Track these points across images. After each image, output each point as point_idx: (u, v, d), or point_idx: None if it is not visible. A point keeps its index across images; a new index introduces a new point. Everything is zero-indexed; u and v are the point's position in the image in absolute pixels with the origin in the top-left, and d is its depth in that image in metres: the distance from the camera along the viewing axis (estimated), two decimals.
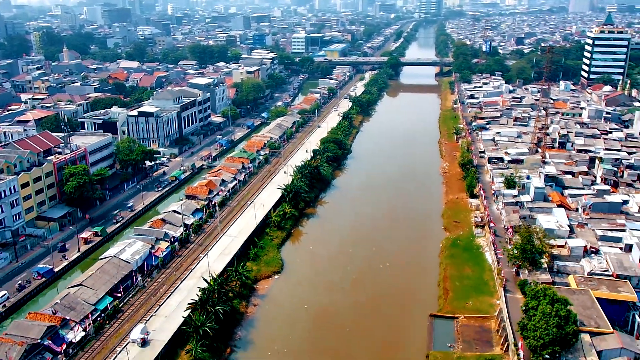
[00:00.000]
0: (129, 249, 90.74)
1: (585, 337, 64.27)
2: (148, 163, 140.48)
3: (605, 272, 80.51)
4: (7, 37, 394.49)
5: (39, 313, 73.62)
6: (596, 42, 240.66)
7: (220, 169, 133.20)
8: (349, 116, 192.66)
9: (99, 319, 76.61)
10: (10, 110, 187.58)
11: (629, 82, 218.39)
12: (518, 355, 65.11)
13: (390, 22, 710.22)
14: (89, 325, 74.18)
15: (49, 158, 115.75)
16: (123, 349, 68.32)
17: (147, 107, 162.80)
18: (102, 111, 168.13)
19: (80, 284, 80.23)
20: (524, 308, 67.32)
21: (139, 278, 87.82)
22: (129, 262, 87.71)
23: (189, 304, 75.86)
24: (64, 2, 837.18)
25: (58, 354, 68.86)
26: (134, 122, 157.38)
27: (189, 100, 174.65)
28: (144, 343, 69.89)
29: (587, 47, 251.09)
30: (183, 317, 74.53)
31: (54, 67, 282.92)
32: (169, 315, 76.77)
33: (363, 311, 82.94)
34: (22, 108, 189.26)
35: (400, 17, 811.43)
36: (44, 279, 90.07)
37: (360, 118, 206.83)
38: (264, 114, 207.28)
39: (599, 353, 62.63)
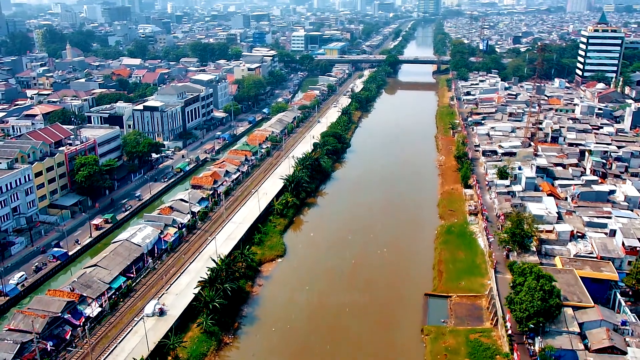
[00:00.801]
0: (140, 234, 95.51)
1: (568, 311, 69.26)
2: (154, 155, 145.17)
3: (590, 255, 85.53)
4: (10, 35, 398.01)
5: (58, 290, 78.45)
6: (590, 41, 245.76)
7: (224, 161, 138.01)
8: (348, 112, 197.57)
9: (113, 296, 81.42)
10: (17, 105, 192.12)
11: (621, 79, 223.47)
12: (506, 327, 70.10)
13: (388, 21, 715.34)
14: (105, 301, 79.03)
15: (60, 149, 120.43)
16: (139, 321, 73.01)
17: (152, 102, 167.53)
18: (108, 106, 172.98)
19: (95, 265, 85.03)
20: (511, 284, 72.25)
21: (150, 260, 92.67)
22: (140, 246, 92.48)
23: (199, 281, 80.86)
24: (64, 1, 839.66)
25: (77, 327, 73.70)
26: (139, 116, 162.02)
27: (192, 96, 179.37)
28: (162, 312, 75.03)
29: (582, 46, 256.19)
30: (194, 293, 79.47)
31: (57, 64, 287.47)
32: (179, 293, 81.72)
33: (361, 292, 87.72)
34: (28, 103, 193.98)
35: (398, 16, 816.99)
36: (58, 262, 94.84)
37: (359, 114, 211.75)
38: (264, 110, 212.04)
39: (580, 325, 67.63)
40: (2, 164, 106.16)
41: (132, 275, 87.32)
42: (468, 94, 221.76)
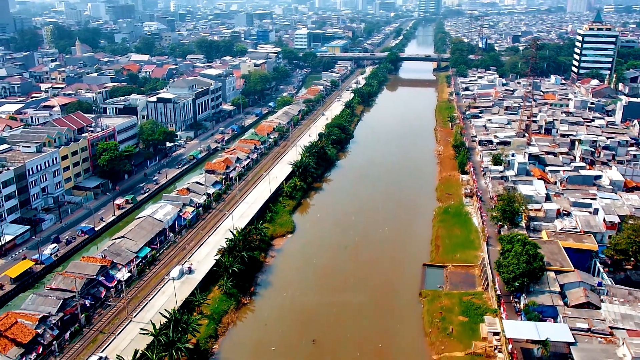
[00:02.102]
0: (161, 211, 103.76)
1: (551, 274, 77.39)
2: (168, 144, 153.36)
3: (574, 230, 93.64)
4: (19, 32, 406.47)
5: (91, 257, 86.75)
6: (586, 39, 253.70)
7: (234, 149, 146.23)
8: (351, 105, 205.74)
9: (140, 264, 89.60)
10: (33, 97, 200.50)
11: (614, 76, 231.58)
12: (495, 289, 78.27)
13: (389, 20, 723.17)
14: (133, 268, 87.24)
15: (83, 135, 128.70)
16: (166, 283, 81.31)
17: (164, 94, 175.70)
18: (122, 98, 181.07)
19: (122, 236, 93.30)
20: (500, 251, 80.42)
21: (171, 235, 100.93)
22: (161, 221, 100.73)
23: (218, 249, 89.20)
24: None
25: (110, 289, 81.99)
26: (153, 108, 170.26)
27: (202, 89, 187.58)
28: (190, 271, 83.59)
29: (578, 44, 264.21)
30: (214, 259, 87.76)
31: (68, 60, 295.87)
32: (201, 261, 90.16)
33: (365, 264, 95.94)
34: (43, 96, 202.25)
35: (399, 15, 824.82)
36: (86, 236, 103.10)
37: (361, 108, 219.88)
38: (270, 104, 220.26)
39: (561, 286, 75.72)
40: (31, 147, 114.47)
41: (156, 247, 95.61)
42: (467, 89, 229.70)
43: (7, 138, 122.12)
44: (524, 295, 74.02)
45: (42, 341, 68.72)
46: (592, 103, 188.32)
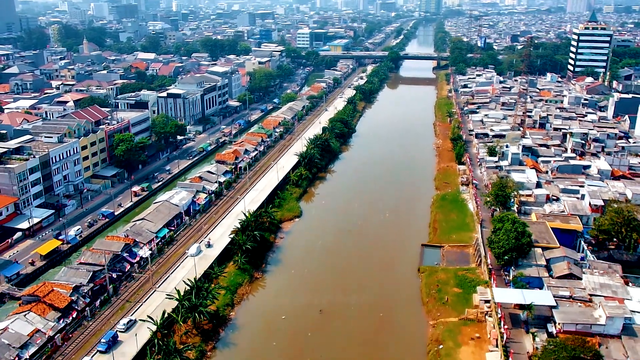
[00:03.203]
0: (177, 196, 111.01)
1: (538, 250, 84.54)
2: (178, 137, 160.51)
3: (562, 213, 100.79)
4: (26, 31, 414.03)
5: (115, 236, 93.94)
6: (581, 38, 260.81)
7: (243, 141, 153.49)
8: (353, 101, 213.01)
9: (159, 243, 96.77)
10: (46, 93, 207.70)
11: (608, 74, 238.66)
12: (487, 264, 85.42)
13: (390, 20, 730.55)
14: (154, 246, 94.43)
15: (100, 127, 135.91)
16: (184, 260, 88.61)
17: (174, 90, 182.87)
18: (133, 93, 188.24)
19: (142, 219, 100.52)
20: (492, 230, 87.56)
21: (186, 218, 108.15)
22: (177, 206, 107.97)
23: (232, 230, 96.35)
24: None
25: (133, 264, 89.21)
26: (163, 103, 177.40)
27: (209, 85, 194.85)
28: (209, 245, 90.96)
29: (573, 43, 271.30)
30: (229, 237, 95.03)
31: (76, 58, 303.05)
32: (216, 240, 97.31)
33: (367, 245, 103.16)
34: (56, 92, 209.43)
35: (400, 15, 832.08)
36: (107, 220, 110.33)
37: (363, 104, 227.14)
38: (275, 100, 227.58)
39: (547, 260, 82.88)
40: (53, 138, 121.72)
41: (173, 229, 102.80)
42: (465, 86, 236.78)
43: (30, 129, 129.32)
44: (512, 268, 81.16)
45: (76, 307, 75.96)
46: (585, 99, 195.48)
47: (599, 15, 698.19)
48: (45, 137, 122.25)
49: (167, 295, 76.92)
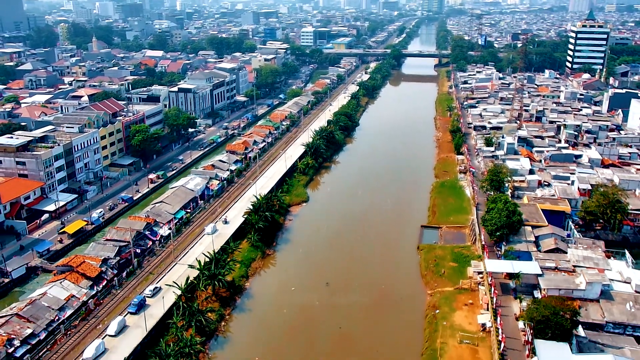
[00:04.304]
0: (192, 182, 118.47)
1: (528, 228, 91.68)
2: (190, 130, 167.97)
3: (553, 196, 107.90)
4: (36, 29, 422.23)
5: (137, 216, 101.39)
6: (579, 36, 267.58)
7: (251, 133, 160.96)
8: (356, 96, 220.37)
9: (177, 224, 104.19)
10: (60, 89, 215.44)
11: (605, 70, 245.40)
12: (480, 240, 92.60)
13: (393, 19, 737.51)
14: (172, 226, 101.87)
15: (117, 118, 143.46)
16: (201, 238, 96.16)
17: (185, 85, 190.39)
18: (145, 88, 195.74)
19: (161, 201, 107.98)
20: (486, 210, 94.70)
21: (201, 202, 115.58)
22: (192, 190, 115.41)
23: (245, 211, 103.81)
24: None
25: (154, 242, 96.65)
26: (174, 97, 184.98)
27: (218, 81, 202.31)
28: (226, 221, 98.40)
29: (571, 40, 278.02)
30: (243, 217, 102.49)
31: (86, 55, 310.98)
32: (230, 221, 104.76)
33: (370, 227, 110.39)
34: (70, 88, 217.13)
35: (403, 14, 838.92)
36: (126, 204, 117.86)
37: (366, 100, 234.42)
38: (281, 95, 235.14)
39: (536, 237, 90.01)
40: (74, 128, 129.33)
41: (189, 211, 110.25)
42: (465, 82, 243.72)
43: (52, 120, 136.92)
44: (504, 243, 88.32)
45: (105, 277, 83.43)
46: (581, 95, 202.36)
47: (600, 14, 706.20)
48: (67, 127, 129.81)
49: (189, 265, 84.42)
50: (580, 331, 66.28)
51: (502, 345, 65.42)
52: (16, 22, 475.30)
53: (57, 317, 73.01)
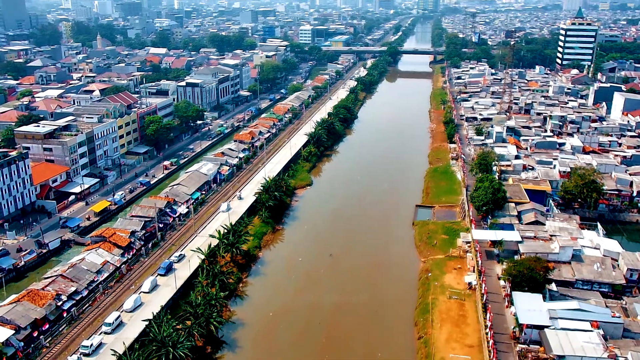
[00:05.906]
0: (204, 167, 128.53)
1: (511, 204, 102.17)
2: (198, 122, 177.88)
3: (536, 178, 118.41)
4: (40, 27, 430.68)
5: (157, 196, 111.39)
6: (568, 33, 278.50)
7: (257, 124, 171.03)
8: (355, 91, 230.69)
9: (193, 203, 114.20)
10: (71, 84, 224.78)
11: (592, 66, 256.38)
12: (469, 215, 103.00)
13: (389, 17, 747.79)
14: (190, 205, 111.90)
15: (132, 110, 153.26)
16: (217, 215, 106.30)
17: (192, 79, 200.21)
18: (153, 83, 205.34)
19: (178, 183, 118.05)
20: (474, 189, 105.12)
21: (214, 185, 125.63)
22: (206, 174, 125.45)
23: (256, 192, 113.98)
24: None
25: (175, 218, 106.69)
26: (182, 91, 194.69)
27: (223, 76, 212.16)
28: (240, 197, 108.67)
29: (561, 37, 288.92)
30: (254, 195, 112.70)
31: (91, 53, 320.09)
32: (242, 199, 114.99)
33: (368, 206, 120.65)
34: (80, 83, 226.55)
35: (398, 12, 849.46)
36: (144, 187, 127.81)
37: (364, 94, 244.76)
38: (282, 90, 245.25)
39: (519, 212, 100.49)
40: (94, 118, 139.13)
41: (204, 193, 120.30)
42: (459, 78, 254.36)
43: (72, 112, 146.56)
44: (490, 217, 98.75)
45: (134, 247, 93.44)
46: (568, 89, 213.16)
47: (594, 12, 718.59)
48: (87, 117, 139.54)
49: (210, 234, 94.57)
50: (553, 287, 76.77)
51: (485, 297, 75.80)
52: (18, 21, 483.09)
53: (95, 278, 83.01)
